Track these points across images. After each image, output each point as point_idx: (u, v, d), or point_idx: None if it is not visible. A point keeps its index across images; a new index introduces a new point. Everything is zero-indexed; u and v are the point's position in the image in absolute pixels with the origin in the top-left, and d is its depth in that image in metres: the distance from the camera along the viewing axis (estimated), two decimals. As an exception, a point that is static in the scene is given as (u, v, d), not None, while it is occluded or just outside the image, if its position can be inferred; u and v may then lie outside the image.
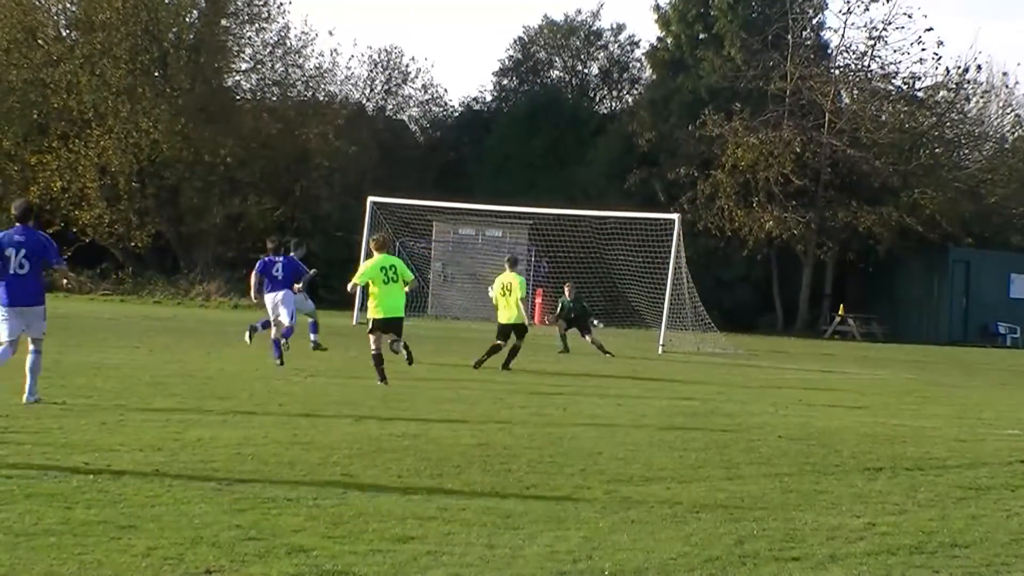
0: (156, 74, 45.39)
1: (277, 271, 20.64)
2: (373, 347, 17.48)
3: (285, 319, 20.38)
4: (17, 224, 13.35)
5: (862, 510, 9.21)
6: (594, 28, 54.29)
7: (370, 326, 17.77)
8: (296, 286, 20.94)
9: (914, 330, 46.14)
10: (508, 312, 21.72)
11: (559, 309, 28.60)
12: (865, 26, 48.51)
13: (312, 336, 23.08)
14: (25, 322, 13.18)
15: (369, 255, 18.65)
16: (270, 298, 20.56)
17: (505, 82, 54.60)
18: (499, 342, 21.60)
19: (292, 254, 21.92)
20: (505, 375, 20.28)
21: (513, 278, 21.90)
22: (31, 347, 13.14)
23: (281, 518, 7.92)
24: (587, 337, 27.48)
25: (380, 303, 17.65)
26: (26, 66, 43.89)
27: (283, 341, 19.94)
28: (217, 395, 14.76)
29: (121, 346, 21.66)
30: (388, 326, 17.73)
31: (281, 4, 47.45)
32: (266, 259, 20.90)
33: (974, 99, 50.85)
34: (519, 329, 21.68)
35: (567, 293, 28.36)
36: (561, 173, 48.24)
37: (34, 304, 13.21)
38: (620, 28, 54.35)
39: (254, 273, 20.72)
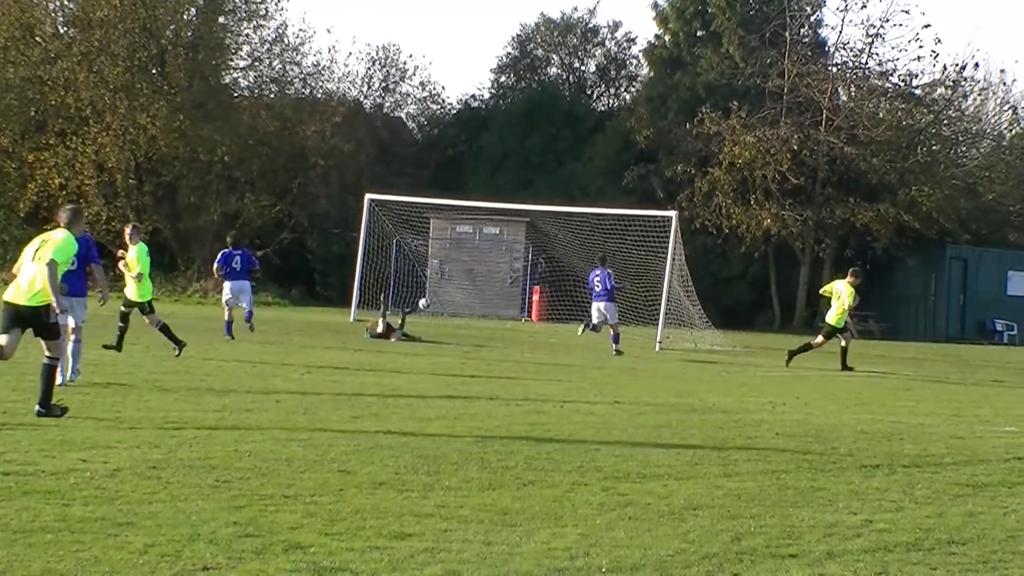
0: (154, 71, 45.36)
1: (236, 263, 23.74)
2: (156, 323, 19.34)
3: (245, 305, 23.67)
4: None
5: (859, 507, 9.21)
6: (591, 25, 54.32)
7: (150, 309, 19.36)
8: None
9: (911, 327, 46.13)
10: (831, 312, 24.53)
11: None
12: (863, 23, 48.63)
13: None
14: (70, 310, 14.43)
15: (125, 246, 19.67)
16: (228, 286, 23.76)
17: (503, 79, 54.60)
18: (819, 341, 24.75)
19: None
20: (502, 372, 20.26)
21: (847, 287, 24.34)
22: (72, 336, 14.71)
23: (278, 515, 7.92)
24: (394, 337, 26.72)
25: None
26: (24, 63, 43.88)
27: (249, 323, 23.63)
28: (214, 392, 14.76)
29: (118, 343, 21.57)
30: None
31: (279, 1, 47.57)
32: (226, 251, 24.14)
33: (971, 96, 50.88)
34: (831, 331, 24.61)
35: None
36: (559, 170, 48.19)
37: (80, 295, 14.95)
38: (617, 25, 54.47)
39: (216, 264, 24.06)
